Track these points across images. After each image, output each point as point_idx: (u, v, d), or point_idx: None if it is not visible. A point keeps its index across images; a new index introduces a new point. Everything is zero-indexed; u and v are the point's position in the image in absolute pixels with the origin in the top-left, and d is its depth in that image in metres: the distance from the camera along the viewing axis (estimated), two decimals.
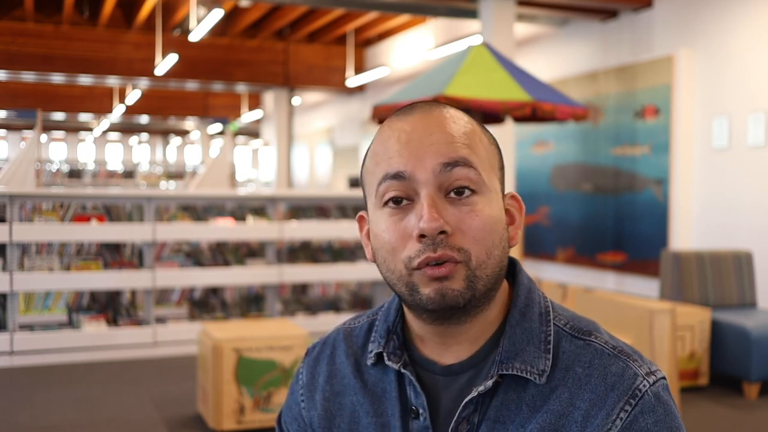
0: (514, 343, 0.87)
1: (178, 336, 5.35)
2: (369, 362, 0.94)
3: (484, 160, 0.86)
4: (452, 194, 0.83)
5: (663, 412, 0.83)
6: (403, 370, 0.90)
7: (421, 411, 0.89)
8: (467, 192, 0.84)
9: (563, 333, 0.89)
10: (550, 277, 8.10)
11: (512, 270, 0.94)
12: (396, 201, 0.84)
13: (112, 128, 24.46)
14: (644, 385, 0.83)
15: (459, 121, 0.87)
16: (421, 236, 0.82)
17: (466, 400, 0.86)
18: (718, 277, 4.83)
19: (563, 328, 0.89)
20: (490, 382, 0.85)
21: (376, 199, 0.87)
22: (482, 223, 0.83)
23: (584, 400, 0.83)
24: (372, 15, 10.88)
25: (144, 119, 19.16)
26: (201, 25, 8.61)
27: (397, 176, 0.84)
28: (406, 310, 0.93)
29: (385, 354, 0.92)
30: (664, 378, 0.86)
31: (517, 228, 0.90)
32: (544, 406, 0.84)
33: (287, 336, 3.71)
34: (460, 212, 0.83)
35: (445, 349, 0.89)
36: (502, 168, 0.91)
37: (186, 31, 10.83)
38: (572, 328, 0.89)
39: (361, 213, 0.95)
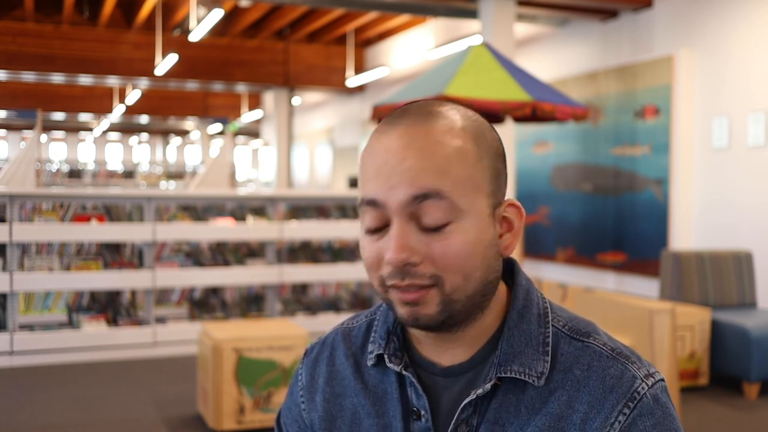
0: (512, 345, 0.86)
1: (178, 336, 5.35)
2: (369, 363, 0.94)
3: (464, 182, 0.82)
4: (424, 223, 0.81)
5: (661, 415, 0.83)
6: (404, 372, 0.90)
7: (422, 412, 0.88)
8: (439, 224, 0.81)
9: (562, 334, 0.88)
10: (550, 277, 8.10)
11: (510, 271, 0.93)
12: (372, 230, 0.84)
13: (112, 128, 24.46)
14: (643, 388, 0.83)
15: (444, 137, 0.82)
16: None
17: (464, 402, 0.86)
18: (718, 277, 4.83)
19: (562, 330, 0.88)
20: (488, 385, 0.85)
21: (360, 215, 0.87)
22: (455, 252, 0.81)
23: (583, 403, 0.83)
24: (372, 15, 10.88)
25: (144, 119, 19.16)
26: (201, 25, 8.61)
27: (372, 203, 0.83)
28: None
29: (385, 356, 0.91)
30: (662, 380, 0.86)
31: (515, 235, 0.87)
32: (543, 409, 0.84)
33: (287, 336, 3.71)
34: (432, 240, 0.81)
35: (443, 351, 0.89)
36: (497, 177, 0.86)
37: (186, 31, 10.83)
38: (570, 330, 0.89)
39: None
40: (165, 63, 10.73)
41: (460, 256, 0.81)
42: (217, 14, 8.14)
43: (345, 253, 6.05)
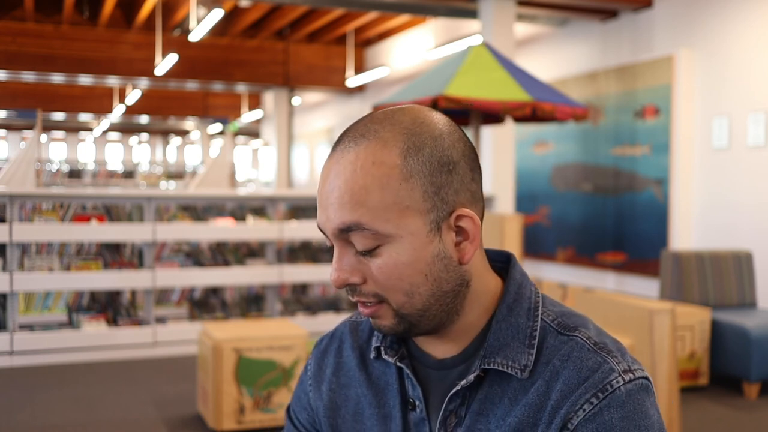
0: (499, 338, 0.88)
1: (178, 336, 5.35)
2: (372, 356, 0.97)
3: (386, 208, 0.81)
4: (356, 248, 0.84)
5: (632, 410, 0.82)
6: (399, 364, 0.93)
7: (417, 403, 0.92)
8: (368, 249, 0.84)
9: (550, 329, 0.89)
10: (550, 277, 8.10)
11: (506, 264, 0.94)
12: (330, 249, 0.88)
13: (112, 128, 24.46)
14: (618, 381, 0.82)
15: (366, 163, 0.82)
16: None
17: (450, 393, 0.88)
18: (718, 277, 4.83)
19: (550, 324, 0.89)
20: (472, 377, 0.87)
21: None
22: (389, 274, 0.83)
23: (556, 391, 0.84)
24: (372, 15, 10.88)
25: (144, 119, 19.16)
26: (201, 25, 8.61)
27: (319, 228, 0.87)
28: None
29: (382, 348, 0.95)
30: (645, 378, 0.84)
31: (473, 242, 0.85)
32: (524, 399, 0.86)
33: (287, 336, 3.71)
34: (369, 262, 0.84)
35: (436, 344, 0.92)
36: (438, 191, 0.83)
37: (186, 31, 10.83)
38: (559, 324, 0.89)
39: None
40: (165, 63, 10.73)
41: (394, 277, 0.83)
42: (217, 14, 8.14)
43: None
